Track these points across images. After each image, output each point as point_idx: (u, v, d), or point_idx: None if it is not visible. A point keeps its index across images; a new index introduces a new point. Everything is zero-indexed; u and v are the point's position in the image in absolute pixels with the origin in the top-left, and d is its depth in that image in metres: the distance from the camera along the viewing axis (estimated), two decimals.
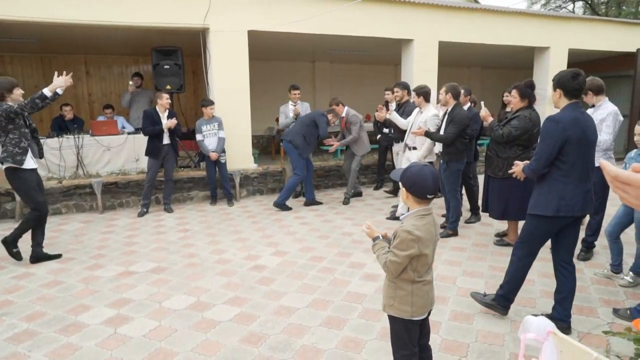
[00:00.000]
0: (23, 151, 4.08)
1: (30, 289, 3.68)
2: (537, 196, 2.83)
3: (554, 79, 2.80)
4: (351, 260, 4.21)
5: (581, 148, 2.67)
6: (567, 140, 2.63)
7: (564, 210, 2.71)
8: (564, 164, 2.68)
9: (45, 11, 5.92)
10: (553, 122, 2.68)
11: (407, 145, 5.26)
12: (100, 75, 10.36)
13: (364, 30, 7.66)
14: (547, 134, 2.69)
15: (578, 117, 2.68)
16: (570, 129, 2.63)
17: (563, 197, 2.70)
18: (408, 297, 1.93)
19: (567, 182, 2.70)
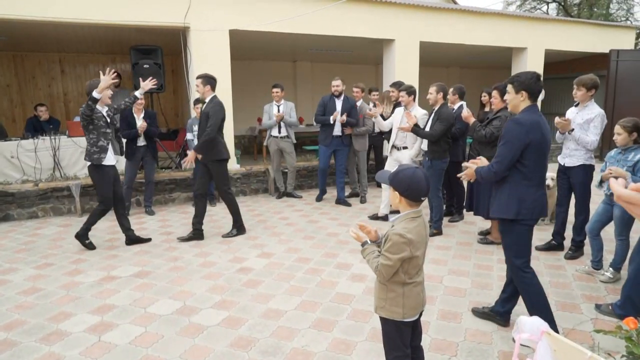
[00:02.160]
0: (101, 150, 4.38)
1: (7, 296, 3.55)
2: (497, 200, 2.78)
3: (513, 81, 2.73)
4: (338, 261, 4.21)
5: (541, 152, 2.66)
6: (530, 144, 2.60)
7: (524, 214, 2.68)
8: (525, 167, 2.65)
9: (12, 8, 5.71)
10: (517, 125, 2.63)
11: (396, 146, 5.26)
12: (76, 74, 10.10)
13: (346, 30, 7.67)
14: (511, 136, 2.63)
15: (539, 121, 2.66)
16: (532, 133, 2.60)
17: (524, 200, 2.67)
18: (399, 298, 1.93)
19: (529, 186, 2.67)
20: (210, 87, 4.69)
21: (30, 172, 6.24)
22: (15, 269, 4.13)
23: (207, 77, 4.68)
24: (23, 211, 5.88)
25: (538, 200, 2.70)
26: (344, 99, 6.20)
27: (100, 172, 4.44)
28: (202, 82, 4.63)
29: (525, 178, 2.67)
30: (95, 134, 4.39)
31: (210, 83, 4.68)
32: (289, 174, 6.87)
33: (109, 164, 4.47)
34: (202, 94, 4.69)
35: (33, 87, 9.75)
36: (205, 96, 4.68)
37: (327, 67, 11.90)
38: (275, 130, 6.61)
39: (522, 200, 2.67)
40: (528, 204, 2.67)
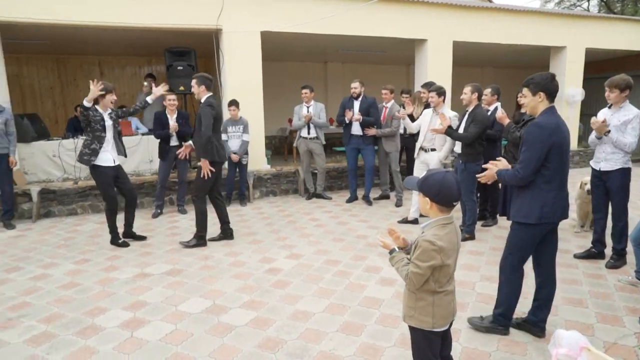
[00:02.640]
0: (92, 152, 4.51)
1: (48, 290, 3.69)
2: (519, 203, 2.75)
3: (529, 84, 2.69)
4: (367, 264, 4.17)
5: (563, 154, 2.63)
6: (552, 147, 2.57)
7: (546, 217, 2.66)
8: (547, 170, 2.62)
9: (54, 13, 5.94)
10: (539, 128, 2.60)
11: (424, 148, 5.18)
12: (114, 76, 10.43)
13: (377, 30, 7.60)
14: (534, 140, 2.60)
15: (559, 123, 2.64)
16: (555, 135, 2.58)
17: (545, 204, 2.64)
18: (429, 307, 1.89)
19: (550, 190, 2.64)
20: (205, 87, 4.58)
21: (71, 171, 6.49)
22: (55, 263, 4.30)
23: (202, 77, 4.60)
24: (63, 208, 6.11)
25: (559, 203, 2.68)
26: (362, 99, 6.32)
27: (97, 173, 4.56)
28: (196, 82, 4.56)
29: (547, 181, 2.64)
30: (90, 137, 4.53)
31: (205, 83, 4.57)
32: (318, 175, 6.87)
33: (103, 164, 4.56)
34: (197, 94, 4.61)
35: (74, 89, 10.14)
36: (200, 96, 4.60)
37: (358, 67, 11.84)
38: (305, 131, 6.62)
39: (544, 205, 2.65)
40: (550, 207, 2.65)
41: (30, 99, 9.88)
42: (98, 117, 4.54)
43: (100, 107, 4.60)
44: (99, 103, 4.58)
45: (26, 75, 9.82)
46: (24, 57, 9.68)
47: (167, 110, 5.96)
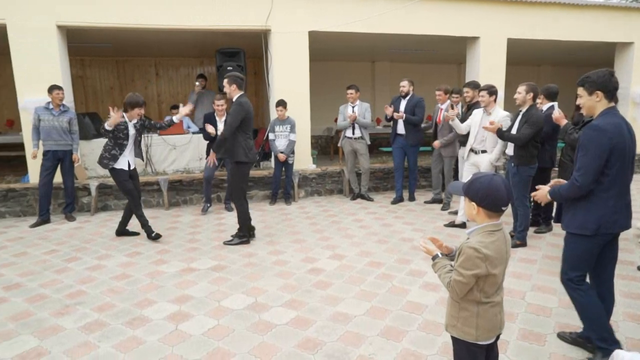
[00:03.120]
0: (112, 157, 4.78)
1: (102, 280, 3.88)
2: (573, 212, 2.52)
3: (584, 83, 2.47)
4: (411, 268, 4.07)
5: (625, 158, 2.39)
6: (612, 151, 2.34)
7: (605, 228, 2.42)
8: (606, 177, 2.39)
9: (118, 17, 6.27)
10: (597, 131, 2.37)
11: (474, 150, 4.99)
12: (168, 77, 10.87)
13: (427, 28, 7.43)
14: (593, 144, 2.37)
15: (621, 124, 2.40)
16: (616, 138, 2.34)
17: (604, 213, 2.41)
18: (472, 318, 1.79)
19: (608, 197, 2.41)
20: (236, 86, 4.63)
21: None
22: (110, 255, 4.52)
23: (233, 76, 4.66)
24: (119, 202, 6.42)
25: (620, 212, 2.46)
26: (409, 98, 6.30)
27: (115, 173, 4.85)
28: (228, 82, 4.62)
29: (605, 189, 2.42)
30: (112, 142, 4.78)
31: (237, 82, 4.62)
32: (362, 175, 6.80)
33: (119, 167, 4.81)
34: (229, 93, 4.67)
35: (132, 89, 10.60)
36: (232, 95, 4.65)
37: (406, 67, 11.63)
38: (350, 131, 6.59)
39: (603, 215, 2.43)
40: (609, 216, 2.43)
41: (92, 99, 10.49)
42: (122, 127, 4.78)
43: (127, 117, 4.83)
44: (127, 112, 4.81)
45: (89, 77, 10.43)
46: (87, 60, 10.29)
47: (216, 114, 6.10)
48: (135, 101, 4.79)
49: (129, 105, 4.79)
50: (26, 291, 3.68)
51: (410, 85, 6.35)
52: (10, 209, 6.10)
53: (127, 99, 4.82)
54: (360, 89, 6.77)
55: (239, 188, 4.77)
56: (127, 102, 4.80)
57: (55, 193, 5.94)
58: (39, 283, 3.84)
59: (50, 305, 3.42)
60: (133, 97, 4.82)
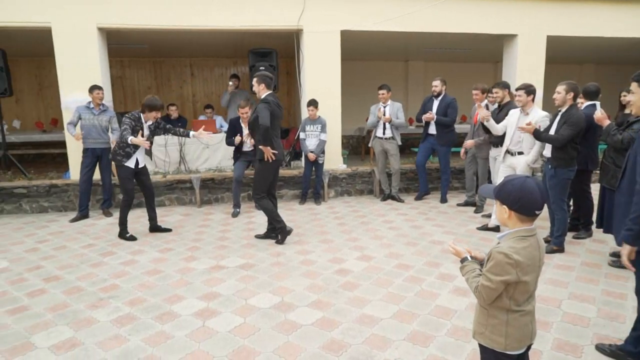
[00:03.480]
0: (126, 154, 4.89)
1: (134, 275, 3.99)
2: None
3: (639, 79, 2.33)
4: (441, 271, 3.97)
5: None
6: None
7: None
8: None
9: (155, 19, 6.44)
10: None
11: (510, 151, 4.82)
12: (203, 77, 11.09)
13: (462, 26, 7.26)
14: None
15: None
16: None
17: None
18: (501, 327, 1.72)
19: None
20: (265, 85, 4.63)
21: (161, 165, 6.99)
22: (142, 251, 4.64)
23: (262, 75, 4.67)
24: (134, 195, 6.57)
25: None
26: (442, 98, 6.25)
27: (122, 170, 4.93)
28: (257, 81, 4.64)
29: None
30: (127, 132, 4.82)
31: (265, 81, 4.63)
32: (393, 176, 6.71)
33: (127, 164, 4.90)
34: (257, 92, 4.69)
35: (168, 89, 10.93)
36: (260, 94, 4.67)
37: (441, 66, 11.42)
38: (380, 131, 6.51)
39: None
40: None
41: (130, 98, 10.83)
42: (138, 127, 4.90)
43: (144, 118, 4.96)
44: (144, 113, 4.93)
45: (128, 77, 10.78)
46: (126, 61, 10.63)
47: (241, 120, 6.10)
48: (154, 104, 4.90)
49: (147, 107, 4.90)
50: (64, 283, 3.83)
51: (443, 84, 6.28)
52: (52, 204, 6.37)
53: (146, 101, 4.92)
54: (392, 89, 6.70)
55: (260, 185, 4.79)
56: (145, 105, 4.91)
57: (94, 189, 6.16)
58: (76, 276, 3.98)
59: (86, 297, 3.54)
60: (152, 101, 4.91)
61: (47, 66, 9.80)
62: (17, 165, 7.01)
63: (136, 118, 4.89)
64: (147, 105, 4.91)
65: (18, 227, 5.59)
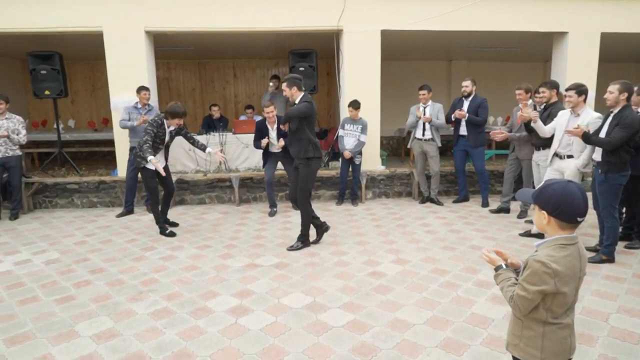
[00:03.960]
0: (142, 159, 4.99)
1: (172, 270, 4.11)
2: None
3: None
4: (478, 278, 3.84)
5: None
6: None
7: None
8: None
9: (199, 21, 6.62)
10: None
11: (558, 154, 4.57)
12: (245, 78, 11.30)
13: (509, 24, 6.99)
14: None
15: None
16: None
17: None
18: (537, 339, 1.63)
19: None
20: (297, 88, 4.48)
21: (202, 164, 7.17)
22: (181, 247, 4.78)
23: (291, 78, 4.51)
24: (194, 197, 6.79)
25: None
26: (472, 98, 6.15)
27: (145, 172, 5.06)
28: (287, 85, 4.48)
29: None
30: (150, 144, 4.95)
31: (296, 84, 4.47)
32: (432, 178, 6.56)
33: (149, 167, 4.97)
34: (291, 96, 4.54)
35: (211, 90, 11.23)
36: (294, 98, 4.51)
37: (486, 66, 11.07)
38: (420, 132, 6.39)
39: None
40: None
41: (176, 99, 11.17)
42: (161, 133, 5.05)
43: (167, 124, 5.09)
44: (168, 120, 5.06)
45: (174, 79, 11.16)
46: (172, 63, 11.01)
47: (267, 121, 6.04)
48: (176, 112, 5.01)
49: (170, 114, 5.02)
50: (108, 276, 4.00)
51: (473, 85, 6.21)
52: (101, 200, 6.69)
53: (169, 108, 5.04)
54: (434, 90, 6.57)
55: (306, 189, 4.64)
56: (168, 112, 5.03)
57: (139, 186, 6.40)
58: (119, 269, 4.16)
59: (127, 290, 3.68)
60: (175, 108, 5.03)
61: (100, 69, 10.30)
62: (70, 163, 7.41)
63: (158, 124, 5.01)
64: (170, 112, 5.02)
65: (69, 221, 5.90)
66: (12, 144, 5.85)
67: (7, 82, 9.89)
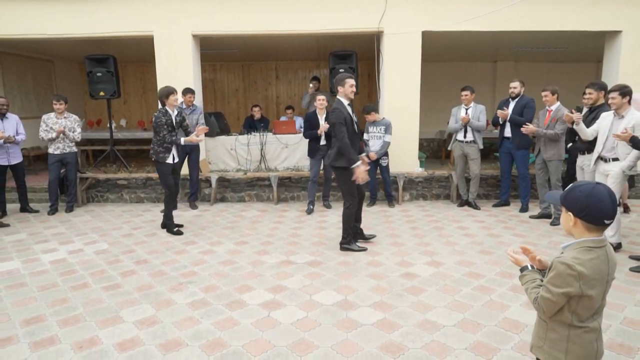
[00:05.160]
0: (166, 150, 5.14)
1: (211, 264, 4.29)
2: None
3: None
4: (514, 283, 3.76)
5: None
6: None
7: None
8: None
9: (244, 25, 6.84)
10: None
11: (603, 157, 4.40)
12: (287, 79, 11.51)
13: (557, 23, 6.75)
14: None
15: None
16: None
17: None
18: (562, 342, 1.61)
19: None
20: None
21: (243, 163, 7.39)
22: (220, 242, 4.96)
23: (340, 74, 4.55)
24: (235, 195, 7.01)
25: None
26: (519, 99, 6.01)
27: (161, 166, 5.17)
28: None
29: None
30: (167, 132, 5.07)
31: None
32: (472, 181, 6.43)
33: (169, 161, 5.16)
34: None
35: (254, 91, 11.51)
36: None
37: (533, 67, 10.70)
38: (461, 134, 6.29)
39: None
40: None
41: (220, 99, 11.57)
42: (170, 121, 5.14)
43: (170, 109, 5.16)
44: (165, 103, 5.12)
45: (219, 80, 11.54)
46: (217, 65, 11.38)
47: (317, 111, 6.20)
48: (167, 91, 5.09)
49: (164, 96, 5.09)
50: (151, 267, 4.23)
51: (522, 86, 6.05)
52: (148, 195, 7.04)
53: (159, 93, 5.17)
54: (479, 91, 6.46)
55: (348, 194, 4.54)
56: (162, 96, 5.11)
57: (183, 183, 6.69)
58: (161, 261, 4.38)
59: (168, 281, 3.88)
60: (162, 90, 5.14)
61: (149, 71, 10.82)
62: (121, 160, 7.84)
63: (164, 113, 5.12)
64: (162, 95, 5.12)
65: (118, 215, 6.26)
66: (69, 140, 6.27)
67: (66, 83, 10.59)
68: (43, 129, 6.13)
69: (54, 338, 2.94)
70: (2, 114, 5.99)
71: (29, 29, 6.93)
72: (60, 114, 6.24)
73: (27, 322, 3.16)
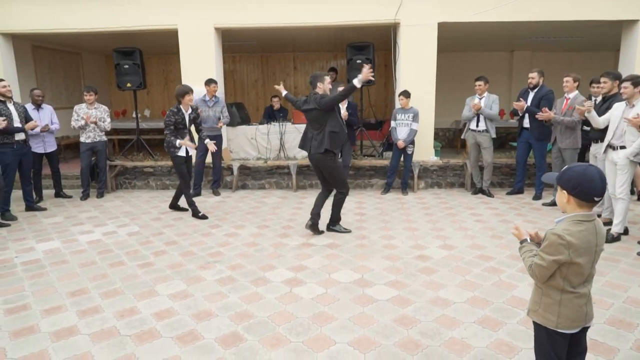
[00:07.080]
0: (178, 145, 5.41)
1: (236, 245, 4.58)
2: None
3: None
4: (523, 265, 3.93)
5: None
6: None
7: None
8: None
9: (264, 18, 7.06)
10: None
11: (612, 146, 4.53)
12: (304, 70, 11.70)
13: (574, 13, 6.78)
14: None
15: None
16: None
17: None
18: (554, 306, 1.82)
19: None
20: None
21: (263, 152, 7.66)
22: (243, 226, 5.24)
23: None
24: (255, 182, 7.29)
25: None
26: (537, 90, 6.06)
27: (176, 159, 5.45)
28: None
29: None
30: (174, 133, 5.36)
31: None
32: (485, 170, 6.57)
33: (182, 154, 5.44)
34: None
35: (273, 82, 11.71)
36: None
37: (550, 56, 10.68)
38: (474, 123, 6.43)
39: None
40: None
41: (240, 90, 11.84)
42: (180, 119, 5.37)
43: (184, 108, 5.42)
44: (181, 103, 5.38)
45: (239, 71, 11.80)
46: (237, 56, 11.64)
47: None
48: (183, 90, 5.37)
49: (180, 95, 5.36)
50: (180, 247, 4.53)
51: (540, 76, 6.09)
52: (173, 182, 7.36)
53: (176, 91, 5.43)
54: (495, 82, 6.58)
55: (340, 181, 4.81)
56: (177, 94, 5.38)
57: (206, 171, 6.99)
58: (190, 242, 4.68)
59: (196, 260, 4.17)
60: (180, 88, 5.41)
61: (172, 62, 11.15)
62: (146, 148, 8.19)
63: (175, 112, 5.38)
64: (178, 94, 5.38)
65: (146, 200, 6.60)
66: (99, 130, 6.61)
67: (94, 75, 11.00)
68: (74, 118, 6.48)
69: (98, 308, 3.26)
70: (38, 104, 6.36)
71: (60, 24, 7.26)
72: (91, 105, 6.58)
73: (73, 294, 3.49)
